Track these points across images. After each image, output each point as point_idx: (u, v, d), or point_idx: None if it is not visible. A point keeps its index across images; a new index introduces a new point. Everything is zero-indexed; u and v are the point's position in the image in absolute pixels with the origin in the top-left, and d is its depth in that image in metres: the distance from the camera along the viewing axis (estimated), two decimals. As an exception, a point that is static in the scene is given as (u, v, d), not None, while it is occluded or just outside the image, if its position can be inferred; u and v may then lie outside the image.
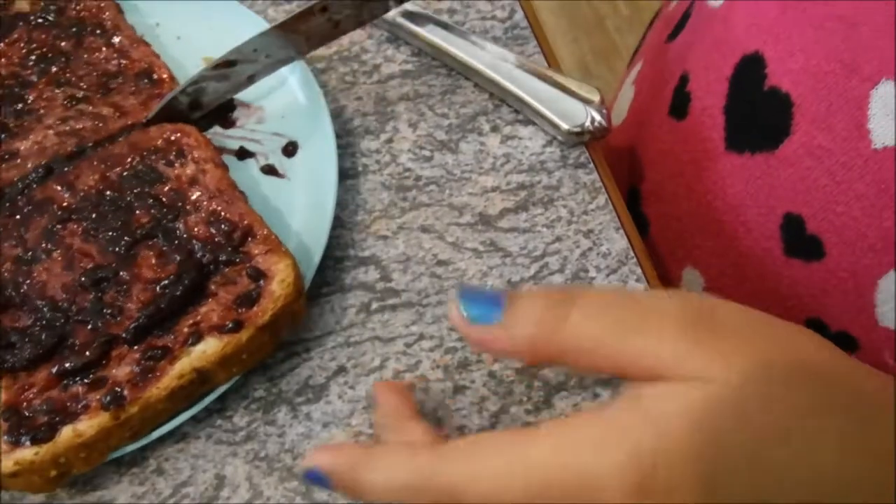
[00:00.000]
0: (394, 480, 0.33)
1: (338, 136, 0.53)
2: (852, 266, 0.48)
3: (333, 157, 0.52)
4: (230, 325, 0.44)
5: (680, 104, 0.58)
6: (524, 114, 0.56)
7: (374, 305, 0.49)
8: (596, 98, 0.55)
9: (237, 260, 0.46)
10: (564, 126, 0.54)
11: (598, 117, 0.54)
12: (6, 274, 0.47)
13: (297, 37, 0.51)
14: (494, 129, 0.56)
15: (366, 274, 0.50)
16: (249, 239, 0.47)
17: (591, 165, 0.54)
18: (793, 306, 0.53)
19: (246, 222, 0.47)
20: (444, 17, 0.59)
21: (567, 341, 0.33)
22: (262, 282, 0.45)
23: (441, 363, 0.48)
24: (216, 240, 0.47)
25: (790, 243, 0.51)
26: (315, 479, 0.36)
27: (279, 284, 0.45)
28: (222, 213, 0.48)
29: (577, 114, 0.54)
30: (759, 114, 0.51)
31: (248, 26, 0.56)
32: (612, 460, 0.31)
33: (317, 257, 0.49)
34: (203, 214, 0.48)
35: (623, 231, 0.52)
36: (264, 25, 0.56)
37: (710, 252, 0.57)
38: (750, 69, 0.51)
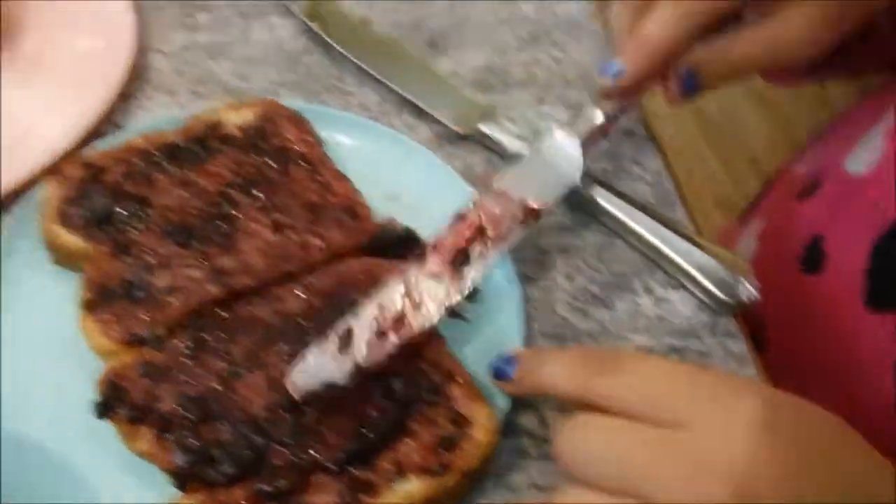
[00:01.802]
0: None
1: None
2: None
3: (517, 304, 0.52)
4: (437, 468, 0.43)
5: (813, 261, 0.59)
6: (676, 277, 0.56)
7: (533, 452, 0.49)
8: (749, 270, 0.55)
9: (438, 402, 0.46)
10: (720, 295, 0.54)
11: (752, 290, 0.55)
12: (211, 387, 0.46)
13: None
14: (647, 290, 0.56)
15: (527, 420, 0.50)
16: (450, 382, 0.47)
17: (741, 336, 0.55)
18: None
19: (445, 364, 0.48)
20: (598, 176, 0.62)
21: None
22: (465, 428, 0.45)
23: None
24: (416, 378, 0.47)
25: None
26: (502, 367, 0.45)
27: (483, 433, 0.45)
28: (422, 352, 0.48)
29: (730, 283, 0.54)
30: None
31: (428, 168, 0.59)
32: None
33: (502, 403, 0.48)
34: (403, 351, 0.48)
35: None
36: (441, 165, 0.59)
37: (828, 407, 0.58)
38: None
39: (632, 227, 0.57)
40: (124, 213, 0.53)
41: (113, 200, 0.54)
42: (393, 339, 0.47)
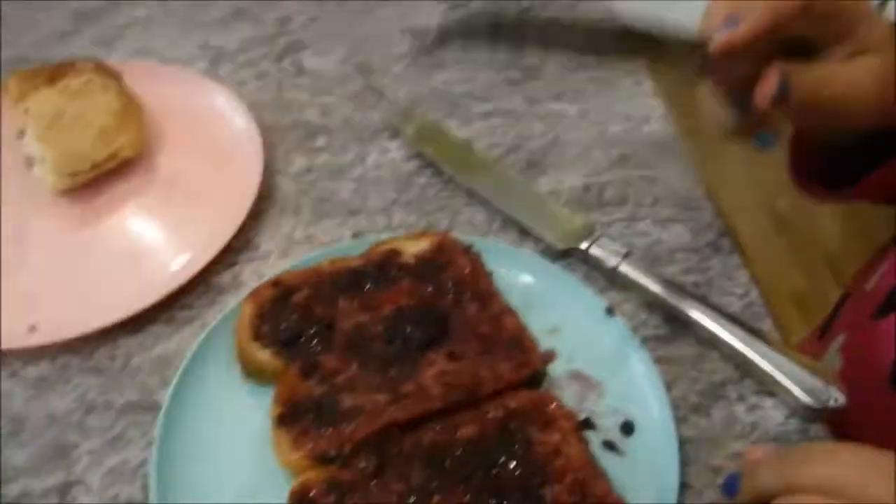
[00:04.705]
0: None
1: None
2: None
3: (674, 444, 0.55)
4: None
5: None
6: (767, 386, 0.60)
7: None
8: (835, 377, 0.59)
9: None
10: (810, 402, 0.57)
11: (840, 397, 0.58)
12: None
13: None
14: (741, 398, 0.60)
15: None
16: None
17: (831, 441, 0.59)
18: None
19: (610, 501, 0.49)
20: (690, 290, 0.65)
21: None
22: None
23: None
24: None
25: None
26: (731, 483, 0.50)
27: None
28: (586, 488, 0.50)
29: (819, 391, 0.58)
30: None
31: (588, 303, 0.63)
32: None
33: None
34: (568, 485, 0.50)
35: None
36: (598, 301, 0.63)
37: None
38: None
39: (724, 339, 0.61)
40: (312, 334, 0.58)
41: (302, 321, 0.58)
42: None
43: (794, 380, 0.60)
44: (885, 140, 0.59)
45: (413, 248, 0.63)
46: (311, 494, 0.50)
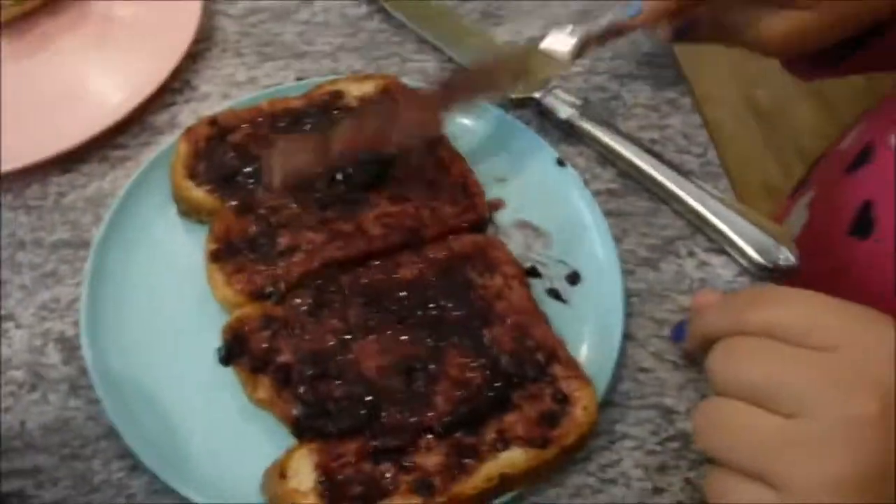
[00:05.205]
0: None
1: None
2: None
3: (619, 295, 0.55)
4: (538, 441, 0.46)
5: (863, 226, 0.62)
6: (718, 243, 0.59)
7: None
8: (789, 237, 0.58)
9: (541, 379, 0.48)
10: (760, 260, 0.57)
11: (791, 257, 0.58)
12: (328, 345, 0.49)
13: None
14: (691, 254, 0.59)
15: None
16: (554, 362, 0.49)
17: (778, 299, 0.59)
18: None
19: (549, 344, 0.49)
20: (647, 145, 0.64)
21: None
22: (566, 405, 0.47)
23: (642, 463, 0.52)
24: (521, 355, 0.49)
25: None
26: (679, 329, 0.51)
27: (583, 411, 0.47)
28: (527, 331, 0.50)
29: (771, 250, 0.57)
30: None
31: (539, 153, 0.61)
32: None
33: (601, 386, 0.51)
34: (508, 328, 0.50)
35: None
36: (549, 150, 0.61)
37: None
38: None
39: (677, 194, 0.60)
40: (249, 172, 0.56)
41: (239, 160, 0.56)
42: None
43: (745, 238, 0.59)
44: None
45: (357, 91, 0.61)
46: (246, 329, 0.49)
